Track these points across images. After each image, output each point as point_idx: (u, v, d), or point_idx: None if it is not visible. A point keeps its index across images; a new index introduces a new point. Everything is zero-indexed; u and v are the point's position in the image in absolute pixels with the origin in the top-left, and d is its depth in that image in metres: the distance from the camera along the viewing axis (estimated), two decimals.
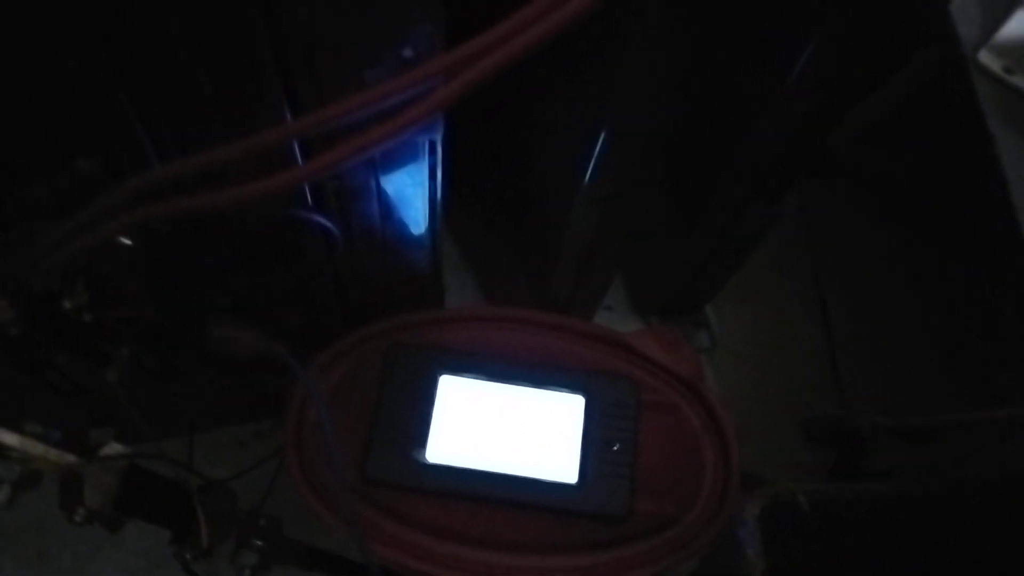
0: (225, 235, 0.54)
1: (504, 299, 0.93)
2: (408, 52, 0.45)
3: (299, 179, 0.39)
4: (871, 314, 1.02)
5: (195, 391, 0.76)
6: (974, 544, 0.55)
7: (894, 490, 0.58)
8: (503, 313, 0.74)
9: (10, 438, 0.55)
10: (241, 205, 0.38)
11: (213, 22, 0.41)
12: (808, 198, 1.04)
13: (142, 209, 0.39)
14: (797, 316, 1.03)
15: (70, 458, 0.58)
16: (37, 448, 0.57)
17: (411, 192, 0.59)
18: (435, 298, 0.76)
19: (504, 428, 0.68)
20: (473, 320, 0.73)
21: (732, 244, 0.84)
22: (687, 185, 0.83)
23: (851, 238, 1.06)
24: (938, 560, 0.55)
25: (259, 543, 0.69)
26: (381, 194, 0.56)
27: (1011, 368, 0.87)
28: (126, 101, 0.44)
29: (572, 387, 0.69)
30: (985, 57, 0.61)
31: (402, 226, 0.61)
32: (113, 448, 0.61)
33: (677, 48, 0.62)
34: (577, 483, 0.65)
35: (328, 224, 0.53)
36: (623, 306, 0.95)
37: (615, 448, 0.67)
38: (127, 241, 0.48)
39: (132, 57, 0.42)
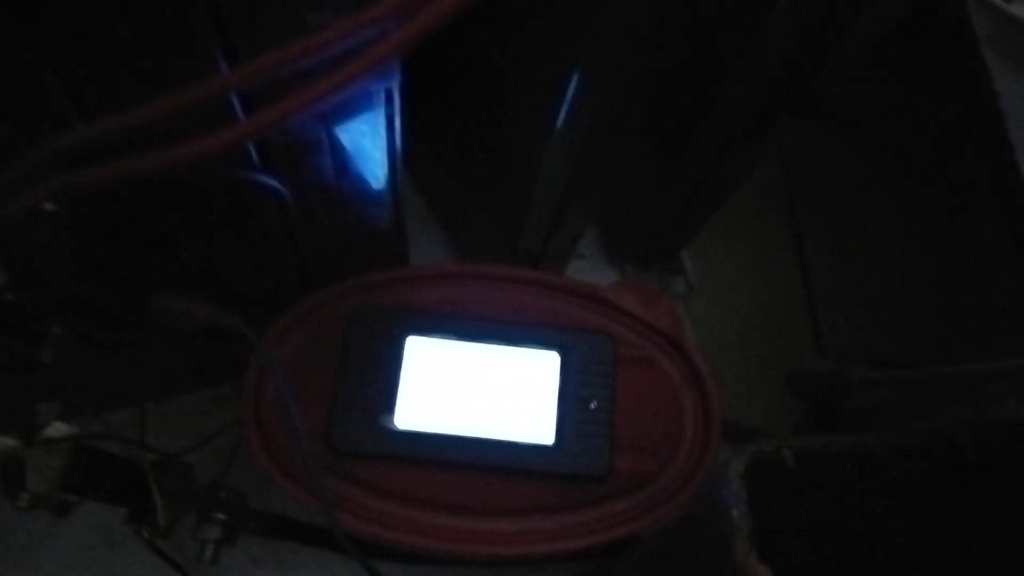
0: (163, 199, 0.49)
1: (474, 252, 0.89)
2: None
3: (239, 137, 0.35)
4: (851, 256, 1.00)
5: (146, 360, 0.71)
6: (966, 494, 0.53)
7: (882, 441, 0.56)
8: (472, 269, 0.70)
9: None
10: (176, 167, 0.34)
11: None
12: (786, 137, 1.00)
13: (65, 176, 0.35)
14: (776, 260, 1.00)
15: (8, 442, 0.54)
16: None
17: (368, 144, 0.54)
18: (399, 256, 0.72)
19: (476, 389, 0.65)
20: (440, 277, 0.69)
21: (710, 187, 0.80)
22: (664, 127, 0.79)
23: (830, 179, 1.03)
24: (930, 512, 0.54)
25: (221, 516, 0.66)
26: (335, 147, 0.51)
27: (997, 312, 0.85)
28: (38, 55, 0.39)
29: (546, 344, 0.66)
30: None
31: (360, 181, 0.56)
32: (57, 429, 0.57)
33: None
34: (554, 444, 0.63)
35: (275, 184, 0.48)
36: (596, 254, 0.92)
37: (592, 406, 0.65)
38: (50, 207, 0.43)
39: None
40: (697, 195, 0.83)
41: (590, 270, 0.91)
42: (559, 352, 0.66)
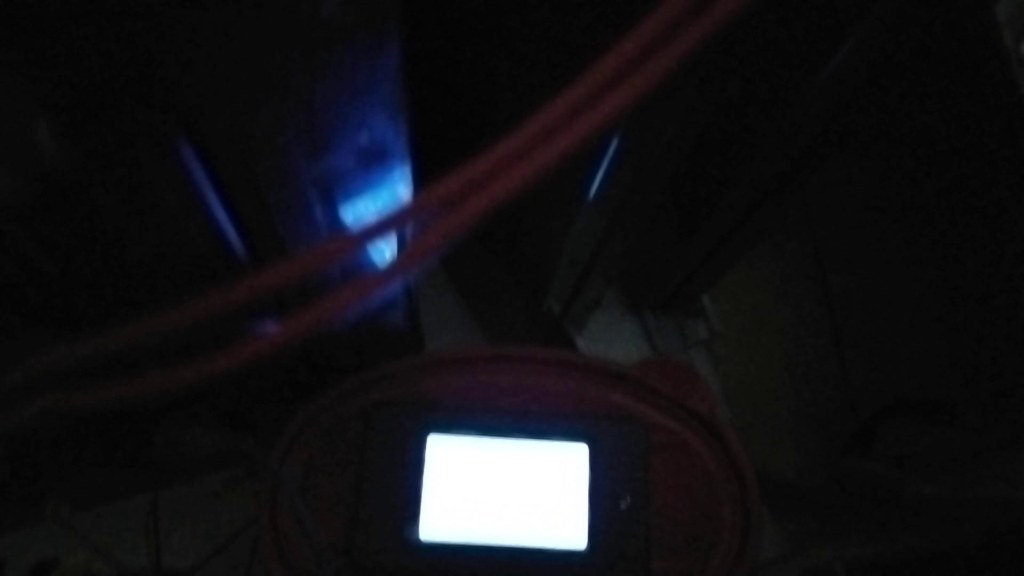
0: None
1: (492, 316, 0.84)
2: (364, 139, 0.35)
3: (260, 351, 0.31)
4: (878, 291, 0.96)
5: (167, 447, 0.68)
6: None
7: (930, 546, 0.53)
8: (491, 352, 0.66)
9: None
10: (190, 386, 0.30)
11: None
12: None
13: (53, 396, 0.31)
14: (799, 299, 0.96)
15: None
16: None
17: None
18: (414, 347, 0.68)
19: (503, 491, 0.61)
20: (458, 363, 0.65)
21: (735, 242, 0.76)
22: (689, 185, 0.74)
23: (853, 210, 0.99)
24: None
25: None
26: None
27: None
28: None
29: (574, 435, 0.63)
30: None
31: None
32: (66, 571, 0.53)
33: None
34: (587, 549, 0.60)
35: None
36: (614, 301, 0.88)
37: (625, 503, 0.61)
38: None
39: None
40: (721, 249, 0.79)
41: (609, 319, 0.87)
42: (588, 443, 0.62)
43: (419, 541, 0.58)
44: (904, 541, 0.56)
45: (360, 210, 0.42)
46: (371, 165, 0.37)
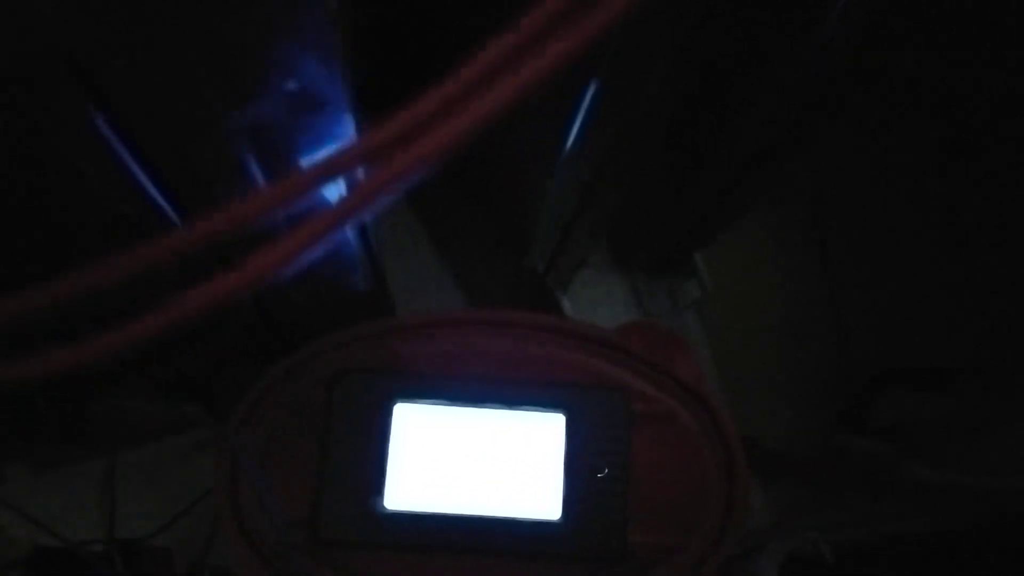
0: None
1: (471, 273, 0.80)
2: (292, 84, 0.31)
3: (183, 315, 0.27)
4: (879, 251, 0.92)
5: (111, 418, 0.65)
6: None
7: (918, 532, 0.51)
8: (464, 315, 0.62)
9: None
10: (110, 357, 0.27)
11: None
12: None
13: None
14: (795, 260, 0.92)
15: None
16: None
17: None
18: (383, 309, 0.64)
19: (473, 461, 0.58)
20: (428, 326, 0.61)
21: (735, 199, 0.72)
22: (685, 135, 0.69)
23: (854, 166, 0.94)
24: None
25: None
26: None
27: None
28: None
29: (550, 405, 0.59)
30: None
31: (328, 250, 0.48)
32: (10, 541, 0.51)
33: None
34: (561, 519, 0.57)
35: None
36: (602, 260, 0.84)
37: (603, 474, 0.58)
38: None
39: None
40: (719, 205, 0.74)
41: (596, 280, 0.84)
42: (564, 414, 0.59)
43: (384, 511, 0.56)
44: (896, 523, 0.54)
45: (302, 163, 0.38)
46: (306, 113, 0.33)
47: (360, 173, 0.27)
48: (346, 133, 0.36)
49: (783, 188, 0.87)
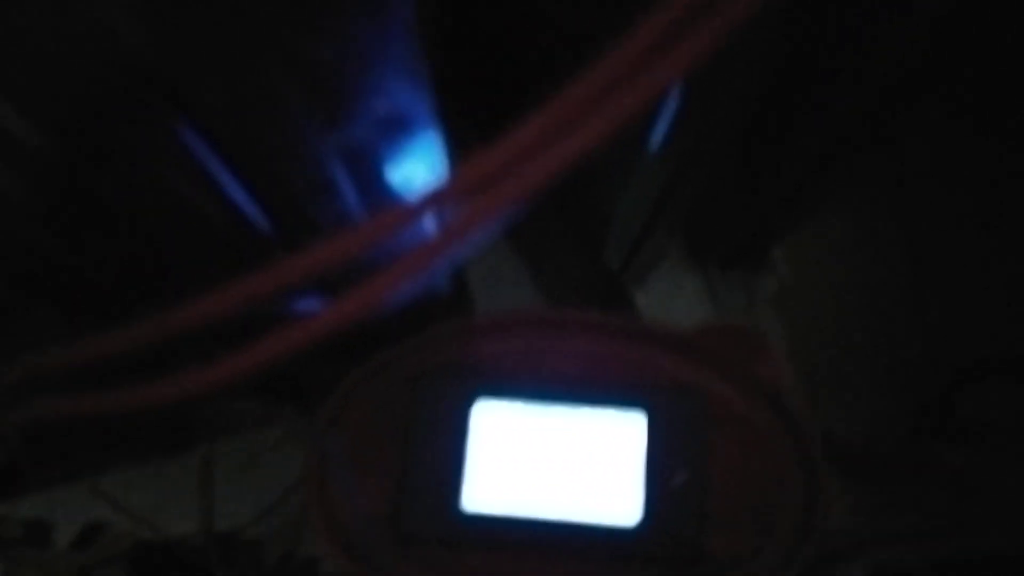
0: None
1: (548, 271, 0.81)
2: (382, 107, 0.32)
3: (274, 354, 0.28)
4: (968, 245, 0.88)
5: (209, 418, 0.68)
6: None
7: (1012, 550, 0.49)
8: (540, 315, 0.63)
9: None
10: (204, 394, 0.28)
11: None
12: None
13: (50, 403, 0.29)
14: (880, 249, 0.89)
15: (67, 560, 0.51)
16: (25, 557, 0.50)
17: None
18: (461, 310, 0.65)
19: (553, 461, 0.59)
20: (505, 327, 0.62)
21: (812, 193, 0.70)
22: (765, 130, 0.68)
23: (944, 164, 0.90)
24: None
25: None
26: None
27: None
28: None
29: (631, 404, 0.59)
30: None
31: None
32: (112, 536, 0.54)
33: None
34: (640, 524, 0.57)
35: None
36: (677, 255, 0.83)
37: (682, 477, 0.58)
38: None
39: None
40: (796, 199, 0.72)
41: (670, 275, 0.83)
42: (646, 413, 0.59)
43: (462, 512, 0.57)
44: (985, 539, 0.52)
45: (394, 183, 0.39)
46: (395, 134, 0.34)
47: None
48: (433, 151, 0.37)
49: (863, 181, 0.84)
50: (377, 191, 0.37)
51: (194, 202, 0.37)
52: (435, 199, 0.25)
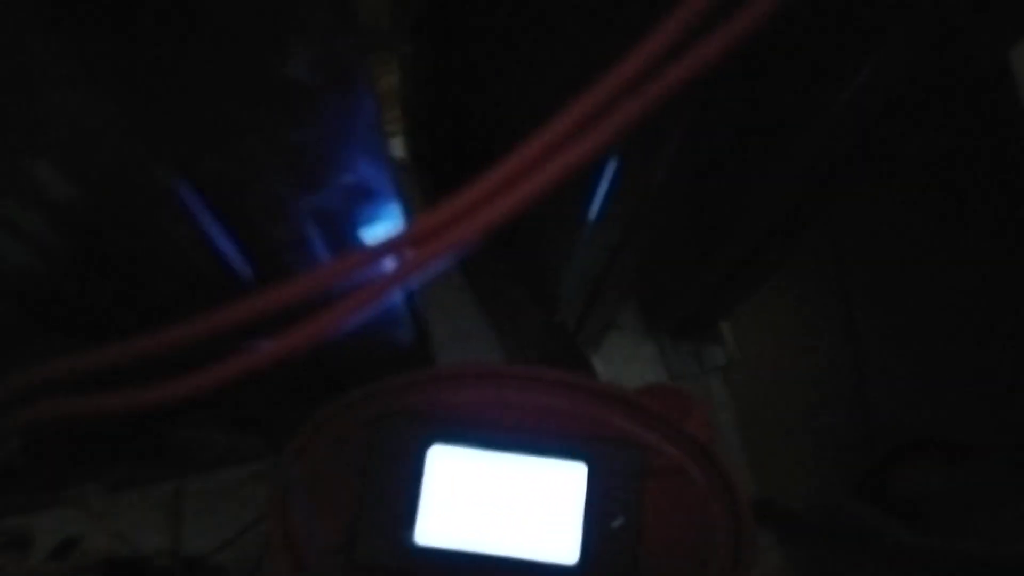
0: None
1: (508, 327, 0.87)
2: (349, 178, 0.39)
3: (252, 366, 0.34)
4: (905, 324, 0.95)
5: (182, 446, 0.73)
6: None
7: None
8: (495, 370, 0.69)
9: None
10: (189, 399, 0.34)
11: None
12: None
13: (53, 405, 0.35)
14: (821, 328, 0.96)
15: (45, 568, 0.56)
16: (6, 559, 0.54)
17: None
18: (423, 359, 0.72)
19: (500, 503, 0.64)
20: (462, 378, 0.68)
21: (761, 264, 0.77)
22: (703, 211, 0.76)
23: (882, 237, 0.98)
24: None
25: None
26: None
27: None
28: None
29: (573, 455, 0.65)
30: None
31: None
32: (88, 550, 0.58)
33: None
34: (577, 564, 0.62)
35: None
36: (633, 324, 0.90)
37: (618, 523, 0.63)
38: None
39: None
40: (737, 275, 0.80)
41: (626, 342, 0.89)
42: (587, 463, 0.65)
43: (415, 545, 0.61)
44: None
45: (357, 239, 0.46)
46: (359, 200, 0.41)
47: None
48: (393, 214, 0.43)
49: (804, 258, 0.92)
50: (344, 245, 0.44)
51: (187, 250, 0.44)
52: (388, 247, 0.32)
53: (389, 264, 0.33)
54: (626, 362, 0.89)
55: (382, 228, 0.43)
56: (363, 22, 0.36)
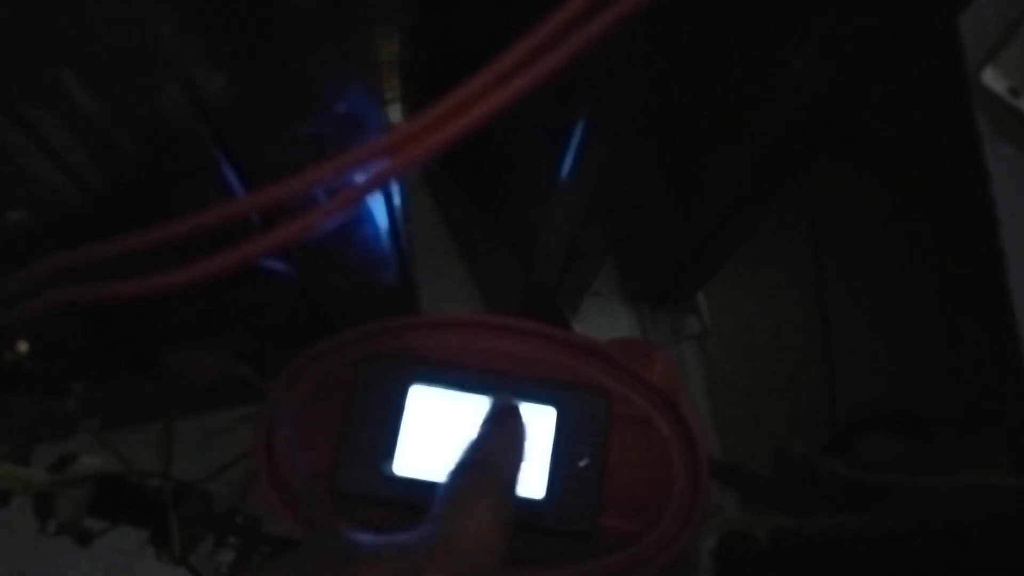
0: None
1: (490, 281, 0.91)
2: (342, 107, 0.43)
3: (245, 257, 0.38)
4: (874, 299, 0.99)
5: (173, 386, 0.77)
6: None
7: (856, 528, 0.58)
8: (475, 319, 0.73)
9: None
10: (187, 286, 0.38)
11: None
12: (810, 175, 1.00)
13: (62, 291, 0.39)
14: (793, 301, 1.00)
15: (40, 476, 0.60)
16: (5, 469, 0.58)
17: (369, 215, 0.57)
18: (409, 305, 0.76)
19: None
20: (444, 326, 0.72)
21: (729, 232, 0.81)
22: (682, 169, 0.79)
23: (856, 215, 1.02)
24: None
25: (236, 541, 0.72)
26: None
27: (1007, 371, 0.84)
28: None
29: (544, 399, 0.69)
30: (989, 76, 0.57)
31: (364, 249, 0.59)
32: (83, 464, 0.62)
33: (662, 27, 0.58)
34: (544, 499, 0.66)
35: (280, 267, 0.52)
36: (612, 291, 0.94)
37: (583, 463, 0.67)
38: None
39: None
40: (712, 240, 0.84)
41: (605, 308, 0.93)
42: (555, 408, 0.69)
43: (393, 474, 0.66)
44: (826, 520, 0.61)
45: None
46: (351, 129, 0.45)
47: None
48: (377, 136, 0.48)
49: (776, 233, 0.96)
50: None
51: (196, 176, 0.48)
52: (368, 152, 0.36)
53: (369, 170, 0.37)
54: (604, 327, 0.93)
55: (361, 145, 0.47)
56: None
